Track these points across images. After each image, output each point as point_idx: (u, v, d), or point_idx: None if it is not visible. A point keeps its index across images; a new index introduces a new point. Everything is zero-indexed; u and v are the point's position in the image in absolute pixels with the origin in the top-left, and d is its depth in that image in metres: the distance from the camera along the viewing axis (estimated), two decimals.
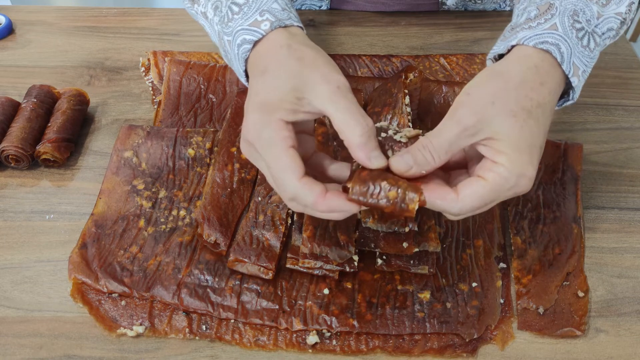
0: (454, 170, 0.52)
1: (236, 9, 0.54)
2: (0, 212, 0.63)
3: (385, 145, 0.49)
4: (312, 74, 0.48)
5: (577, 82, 0.51)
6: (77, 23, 0.85)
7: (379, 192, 0.46)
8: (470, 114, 0.46)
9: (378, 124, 0.51)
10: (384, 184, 0.46)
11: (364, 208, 0.47)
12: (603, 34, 0.54)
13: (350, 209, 0.47)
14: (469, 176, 0.49)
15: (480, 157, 0.49)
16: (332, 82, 0.47)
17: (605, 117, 0.74)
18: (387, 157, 0.48)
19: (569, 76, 0.50)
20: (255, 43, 0.52)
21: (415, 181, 0.47)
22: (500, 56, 0.53)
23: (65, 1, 1.89)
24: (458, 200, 0.46)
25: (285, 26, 0.52)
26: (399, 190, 0.46)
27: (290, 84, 0.48)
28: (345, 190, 0.47)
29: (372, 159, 0.47)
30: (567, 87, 0.53)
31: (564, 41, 0.50)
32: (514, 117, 0.46)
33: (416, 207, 0.46)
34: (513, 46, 0.51)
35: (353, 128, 0.46)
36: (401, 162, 0.47)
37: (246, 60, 0.54)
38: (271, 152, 0.48)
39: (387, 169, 0.48)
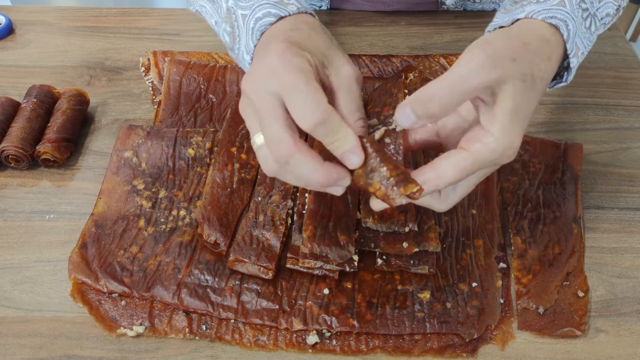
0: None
1: None
2: (0, 212, 0.63)
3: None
4: (341, 54, 0.48)
5: (575, 63, 0.50)
6: (77, 23, 0.86)
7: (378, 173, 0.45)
8: (494, 64, 0.42)
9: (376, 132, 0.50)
10: (384, 169, 0.44)
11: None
12: (602, 18, 0.54)
13: (345, 176, 0.45)
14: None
15: (459, 131, 0.48)
16: (355, 71, 0.47)
17: (605, 117, 0.74)
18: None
19: (570, 56, 0.49)
20: (280, 19, 0.51)
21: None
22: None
23: (65, 1, 1.89)
24: (439, 177, 0.44)
25: (310, 14, 0.53)
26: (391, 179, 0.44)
27: (322, 47, 0.47)
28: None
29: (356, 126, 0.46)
30: (560, 70, 0.52)
31: (571, 19, 0.48)
32: (523, 83, 0.43)
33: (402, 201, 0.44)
34: (517, 20, 0.49)
35: (357, 117, 0.46)
36: (403, 113, 0.44)
37: (262, 34, 0.52)
38: (300, 79, 0.43)
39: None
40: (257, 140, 0.47)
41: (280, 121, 0.43)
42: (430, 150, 0.62)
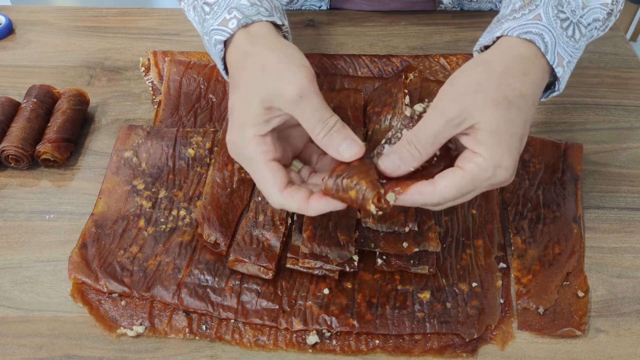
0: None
1: (207, 9, 0.56)
2: (0, 212, 0.63)
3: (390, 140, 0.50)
4: (275, 83, 0.49)
5: (562, 73, 0.51)
6: (77, 23, 0.85)
7: (344, 189, 0.47)
8: (454, 104, 0.46)
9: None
10: (346, 181, 0.47)
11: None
12: (589, 24, 0.54)
13: (334, 206, 0.48)
14: None
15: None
16: (294, 89, 0.48)
17: (605, 117, 0.74)
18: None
19: (554, 66, 0.50)
20: (226, 42, 0.54)
21: (400, 180, 0.48)
22: (486, 48, 0.53)
23: (65, 1, 1.89)
24: (435, 192, 0.47)
25: (250, 23, 0.53)
26: (359, 188, 0.46)
27: (257, 98, 0.49)
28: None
29: (342, 151, 0.48)
30: (553, 79, 0.53)
31: (548, 31, 0.50)
32: (496, 107, 0.46)
33: (372, 207, 0.46)
34: (498, 38, 0.51)
35: (317, 131, 0.48)
36: (388, 162, 0.48)
37: (223, 59, 0.55)
38: (252, 167, 0.50)
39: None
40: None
41: (268, 185, 0.50)
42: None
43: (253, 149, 0.50)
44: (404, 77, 0.67)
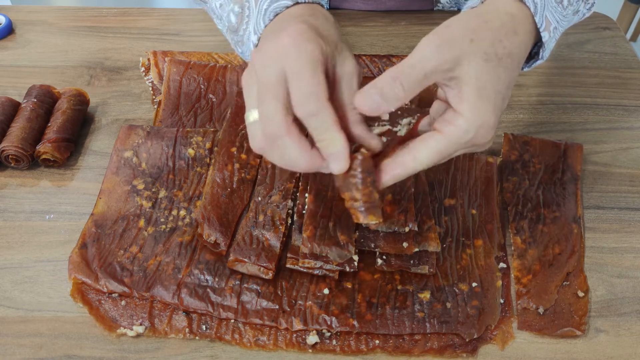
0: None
1: None
2: (0, 212, 0.63)
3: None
4: (348, 48, 0.48)
5: (548, 38, 0.51)
6: (77, 23, 0.86)
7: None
8: (449, 46, 0.44)
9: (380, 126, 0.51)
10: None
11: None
12: None
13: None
14: None
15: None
16: (358, 68, 0.47)
17: (605, 117, 0.74)
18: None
19: (541, 29, 0.49)
20: (296, 4, 0.51)
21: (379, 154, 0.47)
22: None
23: (65, 1, 1.90)
24: (416, 160, 0.45)
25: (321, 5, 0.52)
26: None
27: (335, 37, 0.47)
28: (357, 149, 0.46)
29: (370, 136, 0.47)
30: (537, 49, 0.52)
31: None
32: (485, 61, 0.45)
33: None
34: None
35: (350, 105, 0.46)
36: (367, 99, 0.44)
37: (275, 16, 0.51)
38: (308, 66, 0.43)
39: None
40: (251, 116, 0.47)
41: (278, 100, 0.44)
42: None
43: (317, 49, 0.44)
44: None
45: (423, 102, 0.71)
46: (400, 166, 0.46)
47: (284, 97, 0.44)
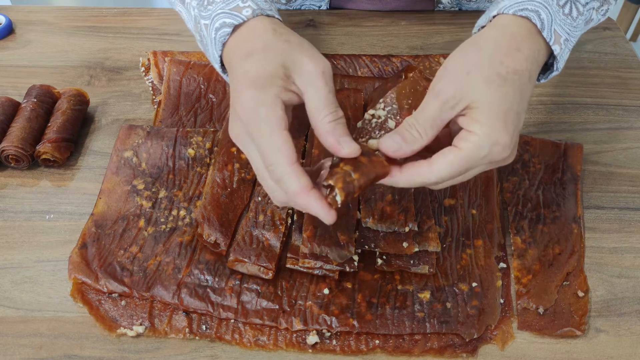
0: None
1: None
2: (0, 212, 0.63)
3: (373, 132, 0.50)
4: (300, 54, 0.48)
5: (559, 50, 0.51)
6: (77, 23, 0.85)
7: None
8: (448, 85, 0.47)
9: (371, 111, 0.51)
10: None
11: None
12: (587, 3, 0.54)
13: (327, 217, 0.46)
14: None
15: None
16: (319, 65, 0.48)
17: (605, 117, 0.74)
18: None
19: (550, 43, 0.50)
20: (235, 28, 0.52)
21: (397, 163, 0.48)
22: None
23: (65, 1, 1.90)
24: (432, 172, 0.47)
25: (267, 15, 0.52)
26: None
27: (279, 61, 0.48)
28: (327, 187, 0.47)
29: (343, 142, 0.47)
30: (552, 60, 0.53)
31: (544, 8, 0.50)
32: (488, 84, 0.46)
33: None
34: (494, 17, 0.51)
35: (325, 114, 0.47)
36: (390, 142, 0.47)
37: (224, 45, 0.53)
38: (266, 131, 0.47)
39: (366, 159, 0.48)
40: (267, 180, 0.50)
41: (257, 160, 0.48)
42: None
43: (273, 110, 0.47)
44: (404, 77, 0.67)
45: None
46: (417, 175, 0.47)
47: (283, 148, 0.47)
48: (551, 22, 0.50)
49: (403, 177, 0.48)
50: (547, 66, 0.54)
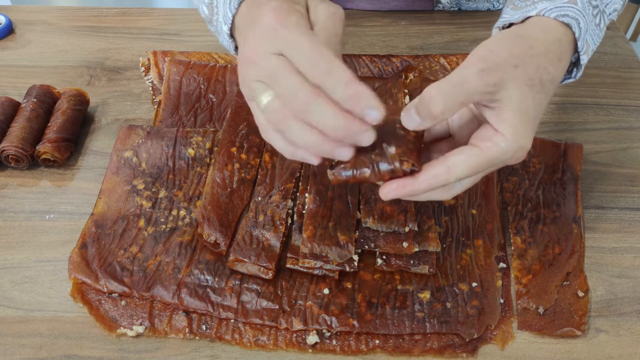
0: (434, 142, 0.51)
1: None
2: (0, 212, 0.63)
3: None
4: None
5: (585, 60, 0.51)
6: (77, 23, 0.86)
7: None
8: (494, 70, 0.43)
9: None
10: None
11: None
12: (610, 14, 0.54)
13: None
14: (454, 146, 0.47)
15: (469, 126, 0.48)
16: (329, 9, 0.47)
17: (605, 117, 0.74)
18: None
19: (581, 53, 0.49)
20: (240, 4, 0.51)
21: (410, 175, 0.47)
22: (510, 26, 0.50)
23: (65, 1, 1.90)
24: (451, 173, 0.45)
25: None
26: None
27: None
28: None
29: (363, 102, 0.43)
30: (571, 67, 0.52)
31: (582, 17, 0.49)
32: (530, 87, 0.44)
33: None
34: (529, 17, 0.49)
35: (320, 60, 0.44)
36: (409, 118, 0.45)
37: (239, 4, 0.51)
38: (302, 31, 0.43)
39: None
40: (264, 98, 0.45)
41: (294, 73, 0.43)
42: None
43: (302, 20, 0.44)
44: (404, 77, 0.67)
45: None
46: (433, 178, 0.45)
47: (296, 70, 0.43)
48: (585, 32, 0.49)
49: (420, 183, 0.45)
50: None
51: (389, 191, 0.46)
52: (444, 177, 0.45)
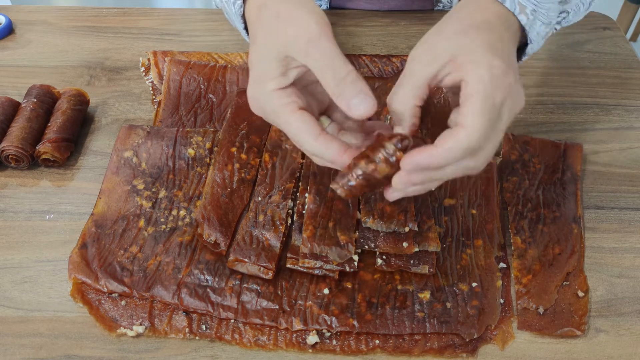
0: None
1: None
2: (0, 212, 0.63)
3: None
4: (288, 30, 0.47)
5: (527, 21, 0.50)
6: (77, 23, 0.86)
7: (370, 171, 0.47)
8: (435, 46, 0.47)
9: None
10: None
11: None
12: None
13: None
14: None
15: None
16: (303, 36, 0.46)
17: (605, 117, 0.74)
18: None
19: (515, 13, 0.49)
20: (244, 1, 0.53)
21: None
22: None
23: (65, 1, 1.90)
24: (446, 150, 0.44)
25: None
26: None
27: (274, 49, 0.48)
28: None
29: (353, 106, 0.45)
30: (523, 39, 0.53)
31: None
32: (464, 33, 0.47)
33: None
34: None
35: (329, 78, 0.46)
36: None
37: (243, 16, 0.55)
38: (279, 120, 0.48)
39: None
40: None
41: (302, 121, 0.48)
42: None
43: (276, 103, 0.48)
44: None
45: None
46: (429, 156, 0.44)
47: (303, 127, 0.47)
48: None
49: (407, 161, 0.45)
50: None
51: (410, 161, 0.45)
52: (434, 159, 0.44)
